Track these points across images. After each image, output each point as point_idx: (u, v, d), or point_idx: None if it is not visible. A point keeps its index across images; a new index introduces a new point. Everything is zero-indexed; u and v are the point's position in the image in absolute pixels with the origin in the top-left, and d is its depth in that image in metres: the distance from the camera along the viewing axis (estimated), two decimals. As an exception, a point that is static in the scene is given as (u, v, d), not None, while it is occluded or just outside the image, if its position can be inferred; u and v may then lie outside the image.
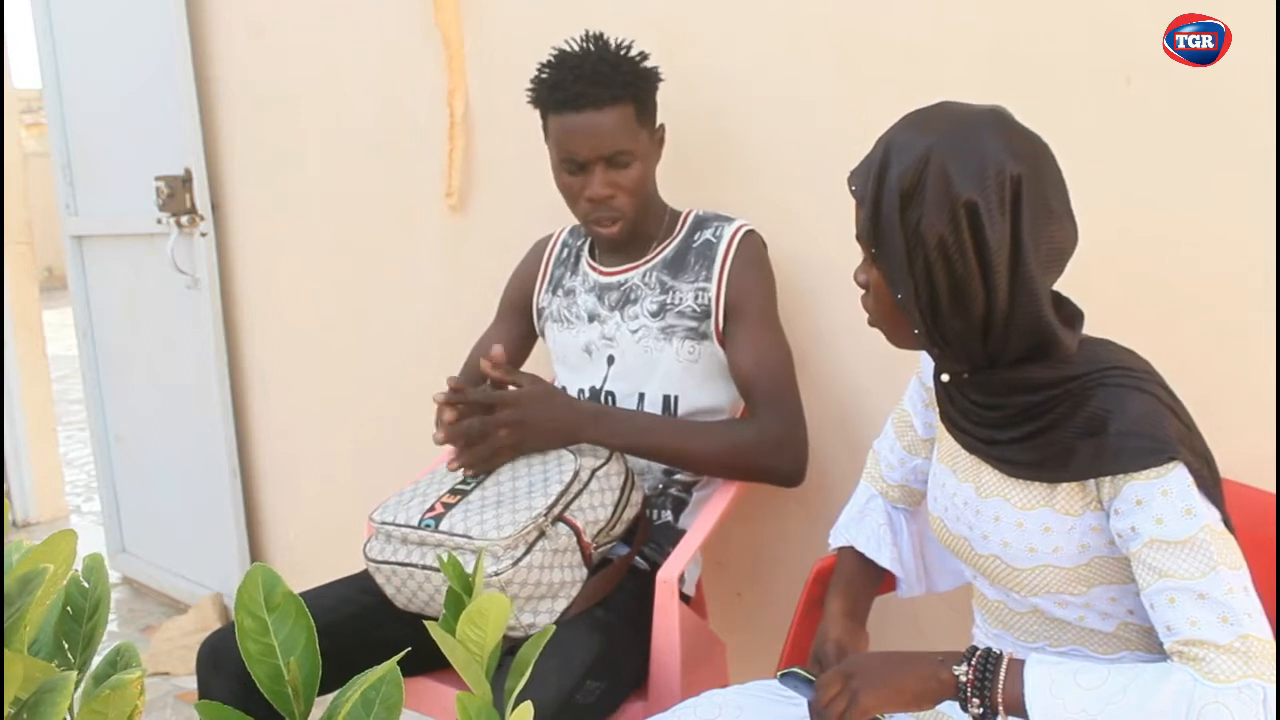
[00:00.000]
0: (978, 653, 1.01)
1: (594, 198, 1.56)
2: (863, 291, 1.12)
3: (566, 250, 1.77)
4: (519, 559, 1.36)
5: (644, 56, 1.59)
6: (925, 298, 1.02)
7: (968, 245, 0.98)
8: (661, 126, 1.63)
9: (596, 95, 1.51)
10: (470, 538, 1.36)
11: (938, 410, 1.18)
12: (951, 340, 1.05)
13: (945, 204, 0.98)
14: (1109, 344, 1.09)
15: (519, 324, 1.81)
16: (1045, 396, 1.04)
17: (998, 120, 1.01)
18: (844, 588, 1.31)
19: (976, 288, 1.00)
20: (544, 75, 1.57)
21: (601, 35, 1.58)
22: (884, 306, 1.08)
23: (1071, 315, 1.07)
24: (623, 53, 1.57)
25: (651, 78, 1.59)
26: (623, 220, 1.59)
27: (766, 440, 1.54)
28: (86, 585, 0.72)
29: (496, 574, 1.33)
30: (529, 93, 1.59)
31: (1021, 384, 1.05)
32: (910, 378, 1.34)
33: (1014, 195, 0.98)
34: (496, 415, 1.49)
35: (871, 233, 1.04)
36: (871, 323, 1.13)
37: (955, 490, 1.16)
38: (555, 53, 1.58)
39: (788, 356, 1.60)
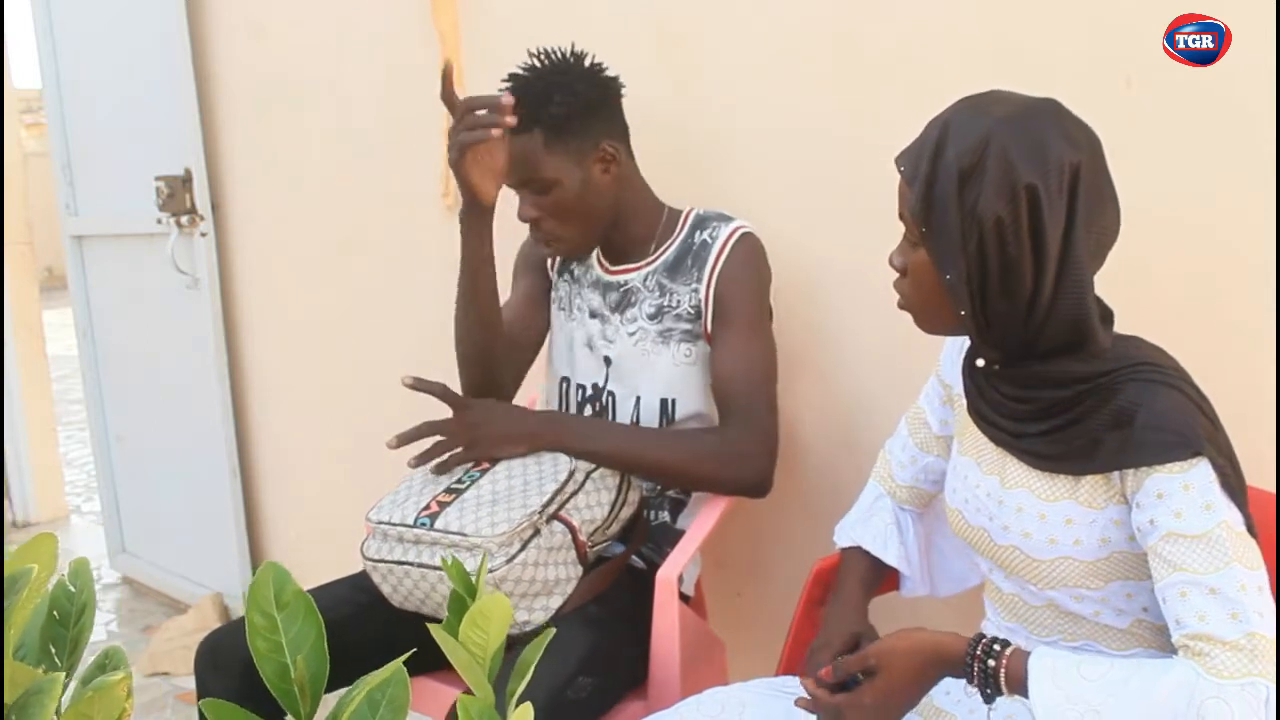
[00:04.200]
0: (983, 639, 1.02)
1: (521, 219, 1.56)
2: (896, 276, 1.12)
3: None
4: (513, 556, 1.36)
5: (597, 69, 1.54)
6: (976, 279, 1.03)
7: (1024, 228, 1.00)
8: (608, 146, 1.53)
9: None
10: (465, 535, 1.37)
11: (965, 403, 1.18)
12: (994, 324, 1.05)
13: (1005, 186, 0.99)
14: (1138, 340, 1.09)
15: (540, 280, 1.75)
16: (1075, 391, 1.05)
17: (1056, 109, 1.04)
18: (857, 583, 1.31)
19: (1027, 270, 1.01)
20: None
21: (550, 52, 1.53)
22: (925, 289, 1.08)
23: (1105, 313, 1.08)
24: (581, 66, 1.53)
25: (573, 102, 1.50)
26: (558, 243, 1.58)
27: (728, 451, 1.50)
28: (73, 589, 0.72)
29: (491, 570, 1.34)
30: None
31: (1053, 378, 1.06)
32: (916, 377, 1.34)
33: (1072, 182, 1.00)
34: (454, 418, 1.51)
35: (923, 211, 1.04)
36: (903, 306, 1.13)
37: (979, 482, 1.16)
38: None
39: (770, 367, 1.55)
